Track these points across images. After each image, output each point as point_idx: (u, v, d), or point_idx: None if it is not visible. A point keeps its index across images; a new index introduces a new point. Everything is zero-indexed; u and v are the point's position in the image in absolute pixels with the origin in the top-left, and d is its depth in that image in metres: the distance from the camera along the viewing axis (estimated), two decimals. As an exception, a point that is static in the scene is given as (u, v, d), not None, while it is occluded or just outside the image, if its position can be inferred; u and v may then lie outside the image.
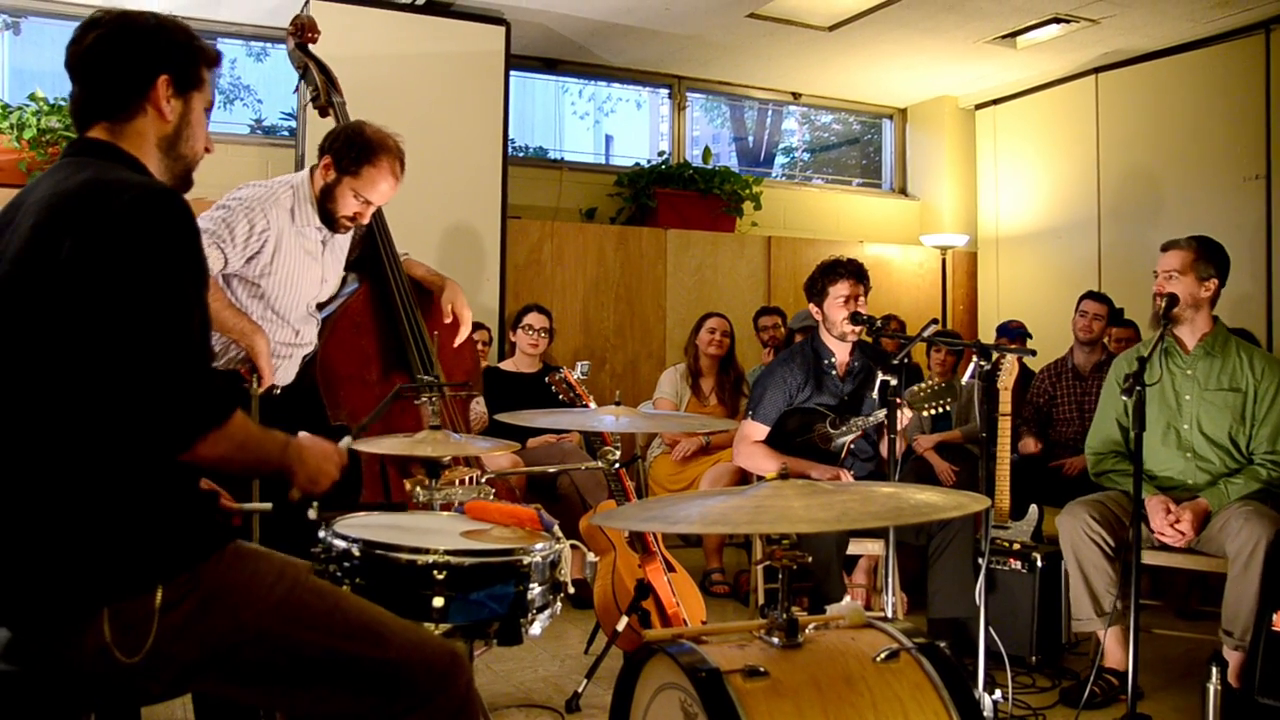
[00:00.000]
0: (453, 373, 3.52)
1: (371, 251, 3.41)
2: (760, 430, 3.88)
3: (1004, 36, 6.14)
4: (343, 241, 3.21)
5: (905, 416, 3.29)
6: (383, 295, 3.39)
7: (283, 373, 3.06)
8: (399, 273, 3.40)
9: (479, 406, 4.41)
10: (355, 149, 2.89)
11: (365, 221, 3.05)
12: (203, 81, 1.73)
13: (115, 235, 1.47)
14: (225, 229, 2.80)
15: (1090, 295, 5.14)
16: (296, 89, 3.57)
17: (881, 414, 3.57)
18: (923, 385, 3.40)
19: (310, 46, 3.54)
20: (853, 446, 3.82)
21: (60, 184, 1.55)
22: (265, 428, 1.66)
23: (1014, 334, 5.61)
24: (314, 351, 3.24)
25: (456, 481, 2.50)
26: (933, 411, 3.41)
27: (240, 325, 2.85)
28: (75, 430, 1.48)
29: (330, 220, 2.98)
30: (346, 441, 1.91)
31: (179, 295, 1.50)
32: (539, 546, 2.02)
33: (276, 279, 2.92)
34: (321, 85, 3.54)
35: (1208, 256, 3.33)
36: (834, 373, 3.88)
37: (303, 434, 1.77)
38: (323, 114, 3.57)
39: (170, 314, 1.49)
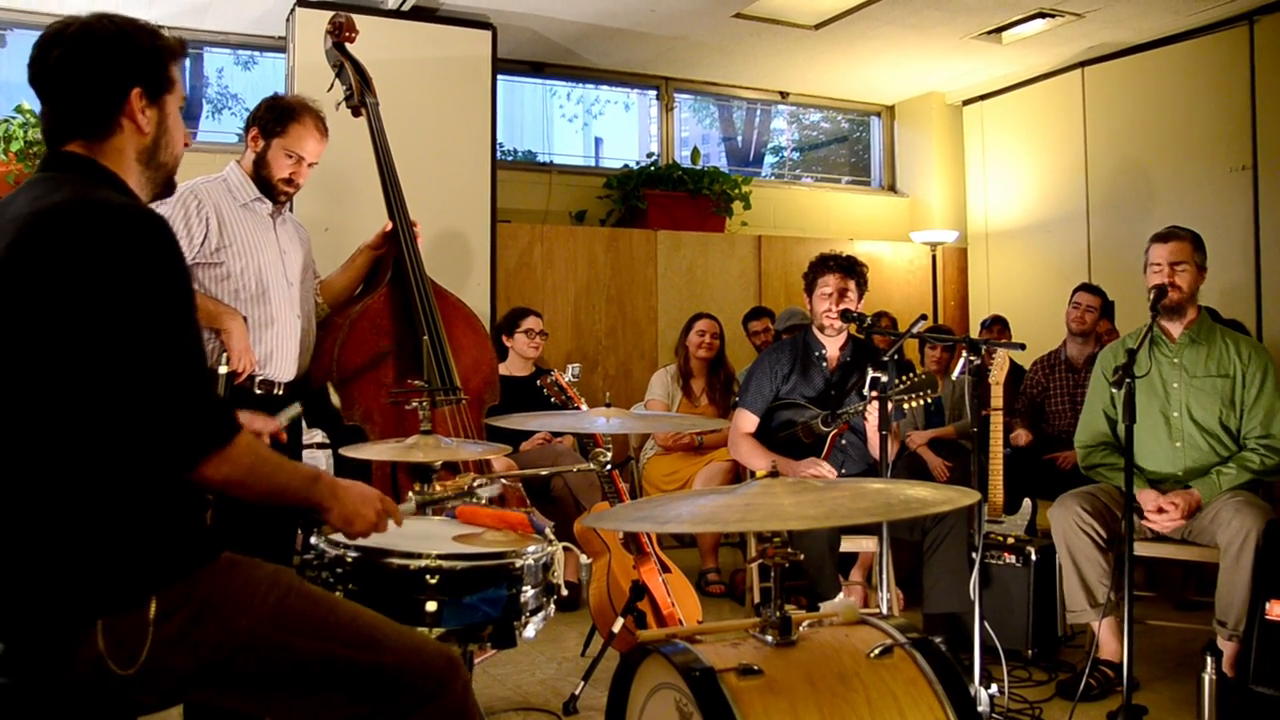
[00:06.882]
0: (470, 381, 3.55)
1: (396, 256, 3.47)
2: (749, 419, 3.89)
3: (989, 32, 6.14)
4: (298, 232, 3.22)
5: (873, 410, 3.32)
6: (404, 300, 3.45)
7: (273, 361, 3.02)
8: (423, 280, 3.47)
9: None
10: (276, 112, 3.02)
11: (302, 181, 3.08)
12: (173, 81, 1.68)
13: (99, 259, 1.45)
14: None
15: (1084, 287, 5.18)
16: (330, 88, 3.59)
17: (861, 405, 3.58)
18: (901, 378, 3.41)
19: (348, 46, 3.58)
20: (843, 442, 3.83)
21: (38, 201, 1.52)
22: (293, 460, 1.61)
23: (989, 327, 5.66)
24: (327, 354, 3.27)
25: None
26: (914, 404, 3.42)
27: (208, 308, 2.84)
28: (66, 446, 1.47)
29: (269, 188, 3.04)
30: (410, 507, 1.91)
31: (169, 317, 1.49)
32: (531, 549, 2.02)
33: (233, 250, 2.94)
34: (355, 85, 3.56)
35: (1201, 246, 3.43)
36: (824, 364, 3.88)
37: (344, 480, 1.73)
38: (355, 114, 3.57)
39: (163, 336, 1.47)
